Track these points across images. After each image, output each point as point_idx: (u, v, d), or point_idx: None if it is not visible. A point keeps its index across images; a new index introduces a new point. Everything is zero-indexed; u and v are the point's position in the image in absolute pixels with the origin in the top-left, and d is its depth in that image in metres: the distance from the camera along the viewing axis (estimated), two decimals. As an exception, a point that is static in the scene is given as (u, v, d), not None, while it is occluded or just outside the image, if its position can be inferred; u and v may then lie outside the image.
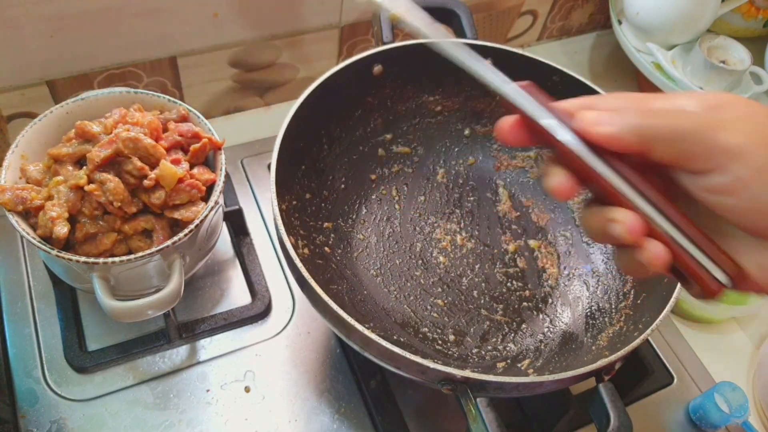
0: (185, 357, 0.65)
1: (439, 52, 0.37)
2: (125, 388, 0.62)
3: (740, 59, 0.89)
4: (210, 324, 0.67)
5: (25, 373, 0.62)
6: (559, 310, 0.67)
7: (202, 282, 0.70)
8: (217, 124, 0.88)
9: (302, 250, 0.62)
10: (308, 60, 0.88)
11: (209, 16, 0.76)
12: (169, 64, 0.79)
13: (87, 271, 0.54)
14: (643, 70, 0.92)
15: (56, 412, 0.60)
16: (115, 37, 0.73)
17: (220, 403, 0.63)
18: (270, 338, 0.68)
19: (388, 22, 0.71)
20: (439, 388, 0.50)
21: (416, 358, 0.47)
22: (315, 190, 0.68)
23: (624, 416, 0.49)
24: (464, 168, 0.78)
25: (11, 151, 0.57)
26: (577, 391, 0.62)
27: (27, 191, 0.55)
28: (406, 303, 0.66)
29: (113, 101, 0.62)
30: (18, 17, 0.66)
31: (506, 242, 0.72)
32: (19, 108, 0.75)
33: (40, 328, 0.65)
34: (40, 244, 0.53)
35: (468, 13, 0.73)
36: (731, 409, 0.65)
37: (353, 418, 0.63)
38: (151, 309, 0.54)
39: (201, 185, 0.57)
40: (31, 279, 0.68)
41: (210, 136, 0.60)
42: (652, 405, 0.69)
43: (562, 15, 1.06)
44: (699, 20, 0.90)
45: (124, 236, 0.56)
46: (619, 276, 0.66)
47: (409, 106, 0.75)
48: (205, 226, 0.59)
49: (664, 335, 0.74)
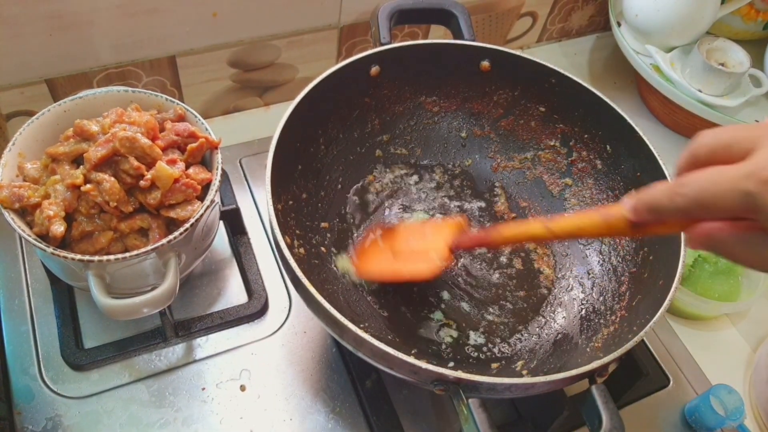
0: (181, 355, 0.65)
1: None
2: (121, 385, 0.63)
3: (739, 62, 0.89)
4: (206, 323, 0.67)
5: (21, 370, 0.62)
6: (555, 311, 0.67)
7: (198, 280, 0.71)
8: (216, 124, 0.88)
9: (298, 249, 0.62)
10: (307, 60, 0.88)
11: (209, 15, 0.76)
12: (169, 63, 0.79)
13: (83, 269, 0.55)
14: (642, 72, 0.92)
15: (52, 409, 0.60)
16: (115, 36, 0.73)
17: (216, 401, 0.63)
18: (266, 337, 0.68)
19: (386, 22, 0.71)
20: (431, 389, 0.50)
21: (408, 359, 0.48)
22: (312, 190, 0.68)
23: (616, 418, 0.49)
24: (461, 169, 0.78)
25: (8, 149, 0.57)
26: (572, 393, 0.62)
27: (24, 189, 0.55)
28: (402, 303, 0.66)
29: (111, 100, 0.62)
30: (17, 16, 0.66)
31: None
32: (18, 106, 0.75)
33: (37, 326, 0.65)
34: (37, 242, 0.53)
35: (466, 14, 0.73)
36: (727, 412, 0.65)
37: (348, 418, 0.63)
38: (147, 307, 0.54)
39: (196, 185, 0.57)
40: (29, 276, 0.68)
41: (206, 136, 0.60)
42: (648, 407, 0.69)
43: (562, 17, 1.06)
44: (698, 22, 0.90)
45: (120, 234, 0.56)
46: (615, 278, 0.66)
47: (407, 107, 0.75)
48: (201, 224, 0.59)
49: (660, 337, 0.74)
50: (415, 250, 0.64)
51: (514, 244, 0.71)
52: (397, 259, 0.64)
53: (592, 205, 0.73)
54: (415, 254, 0.63)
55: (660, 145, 0.64)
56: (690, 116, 0.90)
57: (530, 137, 0.76)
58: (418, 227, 0.68)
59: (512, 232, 0.55)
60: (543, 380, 0.49)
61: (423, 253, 0.62)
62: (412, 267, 0.62)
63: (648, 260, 0.63)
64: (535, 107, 0.74)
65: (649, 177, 0.65)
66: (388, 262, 0.64)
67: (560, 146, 0.75)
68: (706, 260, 0.76)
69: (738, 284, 0.76)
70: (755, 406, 0.71)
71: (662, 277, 0.58)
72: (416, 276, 0.62)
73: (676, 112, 0.94)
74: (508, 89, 0.74)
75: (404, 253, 0.64)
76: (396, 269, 0.63)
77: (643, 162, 0.65)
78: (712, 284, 0.75)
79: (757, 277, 0.76)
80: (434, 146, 0.78)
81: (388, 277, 0.65)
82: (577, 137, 0.73)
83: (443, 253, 0.60)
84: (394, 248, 0.65)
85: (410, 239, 0.65)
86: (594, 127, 0.71)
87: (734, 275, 0.76)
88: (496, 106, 0.76)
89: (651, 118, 1.00)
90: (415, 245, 0.64)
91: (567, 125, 0.73)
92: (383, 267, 0.64)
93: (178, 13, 0.74)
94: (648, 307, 0.57)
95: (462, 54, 0.72)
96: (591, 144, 0.72)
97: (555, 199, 0.75)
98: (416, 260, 0.62)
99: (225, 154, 0.65)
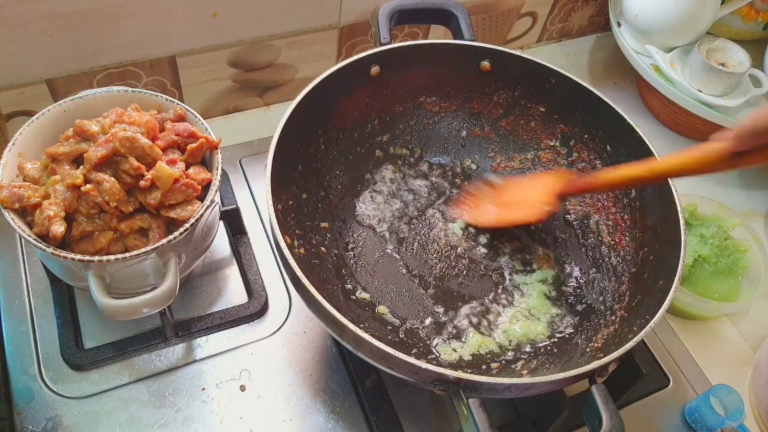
0: (181, 355, 0.65)
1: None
2: (121, 386, 0.63)
3: (739, 62, 0.88)
4: (206, 323, 0.67)
5: (21, 370, 0.62)
6: (555, 311, 0.67)
7: (198, 281, 0.71)
8: (216, 124, 0.88)
9: (298, 249, 0.62)
10: (307, 60, 0.88)
11: (209, 15, 0.76)
12: (169, 63, 0.79)
13: (83, 269, 0.55)
14: (642, 72, 0.92)
15: (52, 410, 0.60)
16: (115, 36, 0.73)
17: (216, 401, 0.63)
18: (266, 337, 0.68)
19: (386, 22, 0.71)
20: (431, 389, 0.50)
21: (408, 359, 0.48)
22: (312, 190, 0.68)
23: (616, 418, 0.49)
24: (461, 169, 0.78)
25: (8, 149, 0.57)
26: (572, 393, 0.62)
27: (24, 189, 0.55)
28: (402, 303, 0.66)
29: (111, 100, 0.62)
30: (18, 16, 0.66)
31: (503, 243, 0.72)
32: (18, 106, 0.75)
33: (37, 326, 0.65)
34: (37, 242, 0.53)
35: (466, 15, 0.73)
36: (727, 412, 0.65)
37: (348, 418, 0.63)
38: (147, 307, 0.54)
39: (196, 185, 0.57)
40: (29, 277, 0.68)
41: (206, 136, 0.60)
42: (648, 407, 0.69)
43: (562, 17, 1.06)
44: (698, 22, 0.90)
45: (120, 235, 0.56)
46: (615, 278, 0.66)
47: (407, 107, 0.75)
48: (201, 224, 0.59)
49: (660, 337, 0.74)
50: (522, 200, 0.68)
51: (619, 188, 0.70)
52: (506, 208, 0.70)
53: (592, 205, 0.73)
54: (522, 203, 0.68)
55: (660, 145, 0.64)
56: (690, 116, 0.90)
57: (530, 137, 0.76)
58: (524, 180, 0.72)
59: (616, 174, 0.58)
60: (543, 380, 0.49)
61: (529, 202, 0.67)
62: (522, 212, 0.68)
63: (648, 260, 0.63)
64: (535, 107, 0.74)
65: (649, 177, 0.65)
66: (497, 211, 0.70)
67: (560, 146, 0.75)
68: (706, 260, 0.76)
69: (738, 284, 0.76)
70: (755, 406, 0.71)
71: (662, 277, 0.58)
72: (526, 220, 0.68)
73: (676, 112, 0.94)
74: (508, 89, 0.74)
75: (512, 203, 0.70)
76: (507, 215, 0.69)
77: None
78: (712, 284, 0.75)
79: (757, 277, 0.76)
80: (434, 146, 0.78)
81: (502, 222, 0.70)
82: (577, 137, 0.73)
83: (550, 200, 0.65)
84: (502, 200, 0.71)
85: (516, 191, 0.70)
86: (594, 127, 0.71)
87: (734, 275, 0.76)
88: (496, 106, 0.76)
89: (651, 118, 1.00)
90: (522, 195, 0.69)
91: (567, 125, 0.73)
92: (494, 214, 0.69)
93: (178, 13, 0.74)
94: (648, 307, 0.57)
95: (462, 54, 0.72)
96: (591, 144, 0.72)
97: (555, 199, 0.75)
98: (524, 208, 0.67)
99: (225, 154, 0.65)
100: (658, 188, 0.63)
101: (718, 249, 0.76)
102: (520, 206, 0.69)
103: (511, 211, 0.69)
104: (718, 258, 0.76)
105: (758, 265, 0.76)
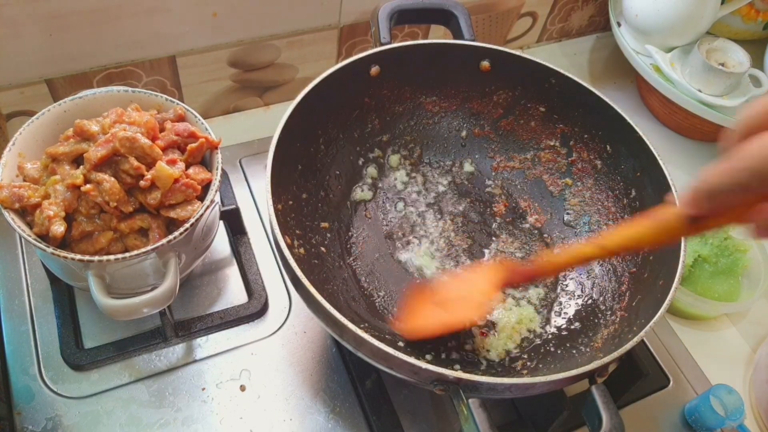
0: (181, 355, 0.65)
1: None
2: (121, 386, 0.63)
3: (739, 62, 0.88)
4: (206, 323, 0.67)
5: (21, 370, 0.62)
6: (554, 311, 0.67)
7: (198, 280, 0.71)
8: (216, 124, 0.88)
9: (298, 249, 0.62)
10: (307, 60, 0.88)
11: (208, 15, 0.76)
12: (169, 63, 0.79)
13: (83, 269, 0.55)
14: (642, 72, 0.92)
15: (52, 410, 0.60)
16: (115, 36, 0.73)
17: (216, 401, 0.63)
18: (266, 337, 0.68)
19: (386, 22, 0.71)
20: (431, 389, 0.50)
21: (408, 359, 0.48)
22: (312, 190, 0.68)
23: (616, 418, 0.49)
24: (461, 169, 0.78)
25: (8, 149, 0.57)
26: (572, 393, 0.62)
27: (24, 189, 0.55)
28: (403, 303, 0.66)
29: (111, 100, 0.62)
30: (17, 16, 0.66)
31: (503, 243, 0.72)
32: (18, 106, 0.75)
33: (37, 326, 0.65)
34: (37, 242, 0.53)
35: (466, 14, 0.73)
36: (727, 412, 0.65)
37: (348, 418, 0.63)
38: (147, 307, 0.54)
39: (196, 185, 0.57)
40: (29, 276, 0.68)
41: (206, 136, 0.60)
42: (648, 407, 0.69)
43: (562, 17, 1.06)
44: (698, 22, 0.90)
45: (120, 234, 0.56)
46: (615, 278, 0.66)
47: (407, 107, 0.75)
48: (201, 224, 0.59)
49: (660, 337, 0.74)
50: (460, 297, 0.61)
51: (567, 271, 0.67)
52: (444, 309, 0.61)
53: (592, 205, 0.73)
54: (460, 301, 0.61)
55: (660, 145, 0.64)
56: (690, 116, 0.90)
57: (530, 137, 0.76)
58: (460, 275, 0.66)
59: (563, 258, 0.52)
60: (543, 380, 0.49)
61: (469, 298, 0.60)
62: (462, 314, 0.60)
63: (648, 260, 0.63)
64: (535, 107, 0.74)
65: (648, 177, 0.65)
66: (434, 316, 0.61)
67: (560, 146, 0.75)
68: (706, 260, 0.76)
69: (738, 284, 0.76)
70: (755, 406, 0.71)
71: (662, 277, 0.58)
72: (468, 322, 0.61)
73: (676, 112, 0.94)
74: (508, 89, 0.74)
75: (449, 302, 0.61)
76: (445, 320, 0.60)
77: (643, 162, 0.65)
78: (712, 284, 0.75)
79: (757, 277, 0.76)
80: (434, 146, 0.78)
81: (439, 331, 0.60)
82: (577, 137, 0.73)
83: (491, 294, 0.58)
84: (437, 301, 0.62)
85: (453, 288, 0.63)
86: (594, 127, 0.71)
87: (734, 275, 0.76)
88: (496, 106, 0.76)
89: (651, 118, 1.00)
90: (459, 292, 0.62)
91: (567, 125, 0.73)
92: (431, 322, 0.60)
93: (178, 13, 0.74)
94: (648, 307, 0.57)
95: (462, 54, 0.72)
96: (591, 144, 0.72)
97: (555, 199, 0.75)
98: (464, 306, 0.60)
99: (225, 154, 0.65)
100: (657, 188, 0.63)
101: (717, 249, 0.76)
102: (460, 304, 0.61)
103: (452, 311, 0.61)
104: (718, 258, 0.76)
105: (758, 265, 0.76)
